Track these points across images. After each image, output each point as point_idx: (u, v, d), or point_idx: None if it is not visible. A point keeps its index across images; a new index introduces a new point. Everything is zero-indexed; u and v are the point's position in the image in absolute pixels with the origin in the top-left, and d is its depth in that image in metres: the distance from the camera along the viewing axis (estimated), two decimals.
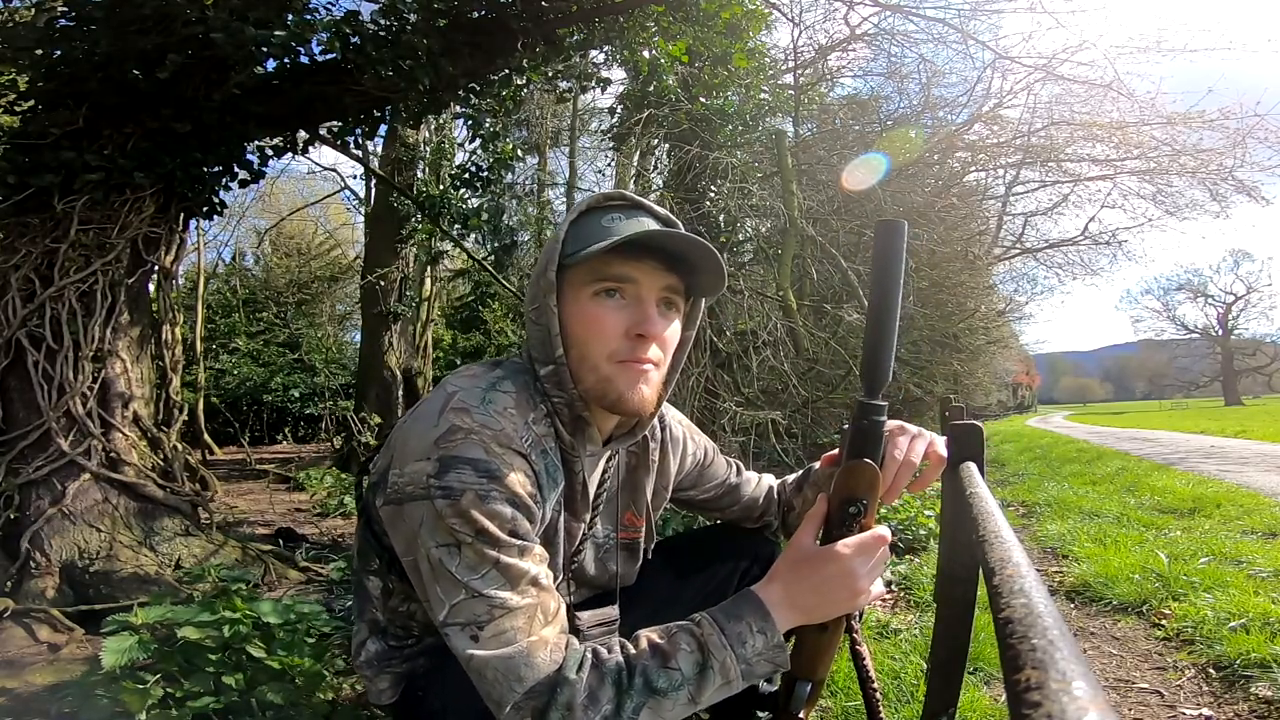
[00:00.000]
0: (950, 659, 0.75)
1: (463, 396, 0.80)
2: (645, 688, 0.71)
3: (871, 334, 0.79)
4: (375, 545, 0.91)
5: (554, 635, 0.74)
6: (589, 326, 0.84)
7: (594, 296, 0.84)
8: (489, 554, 0.73)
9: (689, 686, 0.73)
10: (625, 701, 0.70)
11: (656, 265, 0.85)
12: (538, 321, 0.86)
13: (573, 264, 0.84)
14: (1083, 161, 9.96)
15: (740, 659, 0.74)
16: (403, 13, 2.84)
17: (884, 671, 1.80)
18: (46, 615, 2.17)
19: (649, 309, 0.85)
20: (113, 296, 2.69)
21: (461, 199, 5.24)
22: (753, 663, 0.75)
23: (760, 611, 0.76)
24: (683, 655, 0.73)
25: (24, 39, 2.62)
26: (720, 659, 0.73)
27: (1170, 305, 48.41)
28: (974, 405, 15.97)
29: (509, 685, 0.70)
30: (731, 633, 0.75)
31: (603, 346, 0.84)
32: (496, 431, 0.78)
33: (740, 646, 0.74)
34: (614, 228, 0.85)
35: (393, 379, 8.22)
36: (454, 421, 0.77)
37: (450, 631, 0.73)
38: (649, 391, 0.87)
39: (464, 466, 0.74)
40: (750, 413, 4.34)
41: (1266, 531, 3.27)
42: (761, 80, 5.73)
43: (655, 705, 0.71)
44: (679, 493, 1.16)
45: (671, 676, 0.72)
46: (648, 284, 0.85)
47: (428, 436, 0.77)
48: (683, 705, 0.73)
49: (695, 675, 0.73)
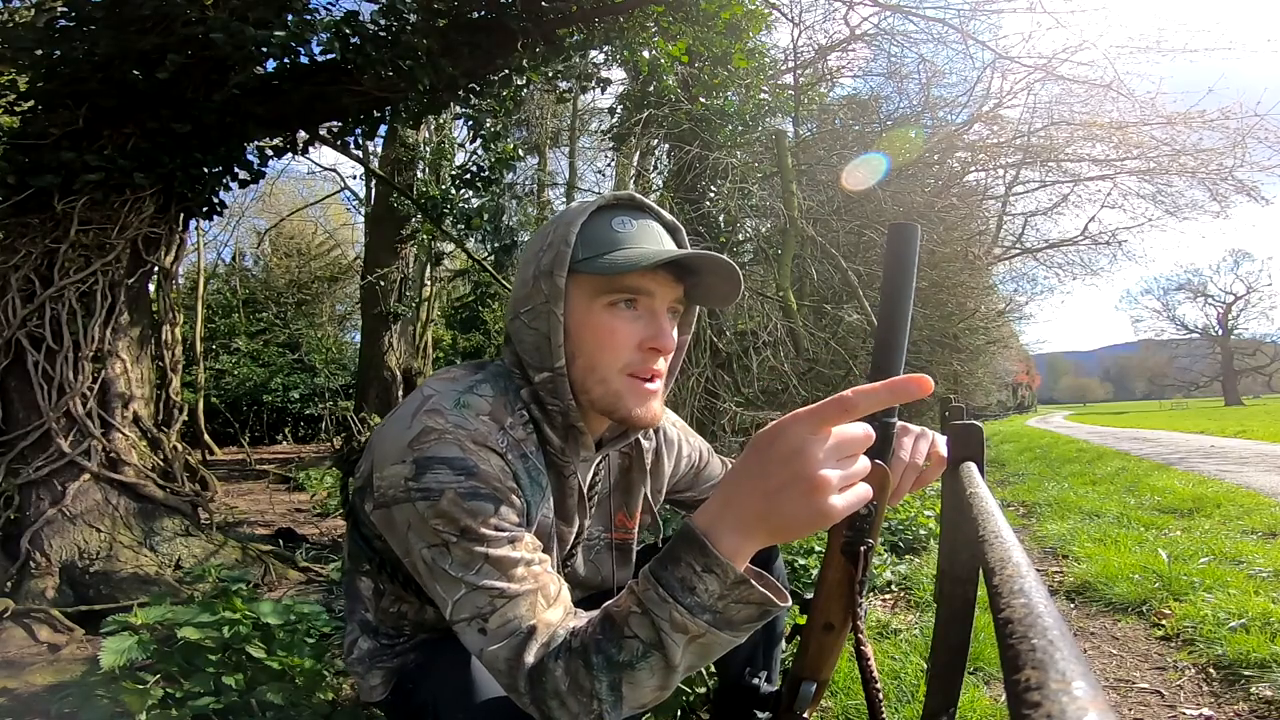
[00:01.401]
0: (950, 659, 0.74)
1: (437, 400, 0.79)
2: (608, 664, 0.65)
3: (882, 336, 0.78)
4: (365, 548, 0.91)
5: (558, 617, 0.72)
6: (603, 338, 0.82)
7: (608, 307, 0.82)
8: (477, 550, 0.72)
9: (656, 652, 0.64)
10: (596, 682, 0.65)
11: (669, 277, 0.84)
12: (533, 326, 0.83)
13: (585, 272, 0.81)
14: (1082, 161, 9.97)
15: (696, 609, 0.62)
16: (402, 13, 2.84)
17: (884, 671, 1.80)
18: (46, 615, 2.17)
19: (664, 323, 0.83)
20: (113, 297, 2.69)
21: (462, 199, 5.25)
22: (720, 609, 0.62)
23: (696, 545, 0.62)
24: (634, 620, 0.65)
25: (24, 39, 2.62)
26: (666, 615, 0.62)
27: (1170, 305, 48.47)
28: (974, 405, 15.96)
29: (518, 675, 0.69)
30: (670, 581, 0.63)
31: (615, 359, 0.82)
32: (471, 431, 0.77)
33: (688, 595, 0.62)
34: (625, 234, 0.83)
35: (393, 379, 8.23)
36: (426, 423, 0.76)
37: (460, 629, 0.73)
38: (658, 407, 0.86)
39: (440, 466, 0.74)
40: (750, 413, 4.34)
41: (1266, 531, 3.27)
42: (761, 80, 5.73)
43: (629, 678, 0.65)
44: (675, 494, 1.15)
45: (630, 647, 0.64)
46: (661, 296, 0.83)
47: (401, 439, 0.76)
48: (661, 672, 0.65)
49: (655, 639, 0.64)
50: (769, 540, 0.62)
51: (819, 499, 0.57)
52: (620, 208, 0.86)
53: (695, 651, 0.65)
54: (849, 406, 0.57)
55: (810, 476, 0.57)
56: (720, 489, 0.64)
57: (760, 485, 0.59)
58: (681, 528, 0.65)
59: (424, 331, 10.17)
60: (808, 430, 0.57)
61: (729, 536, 0.61)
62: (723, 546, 0.61)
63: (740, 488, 0.61)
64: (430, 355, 10.81)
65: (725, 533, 0.62)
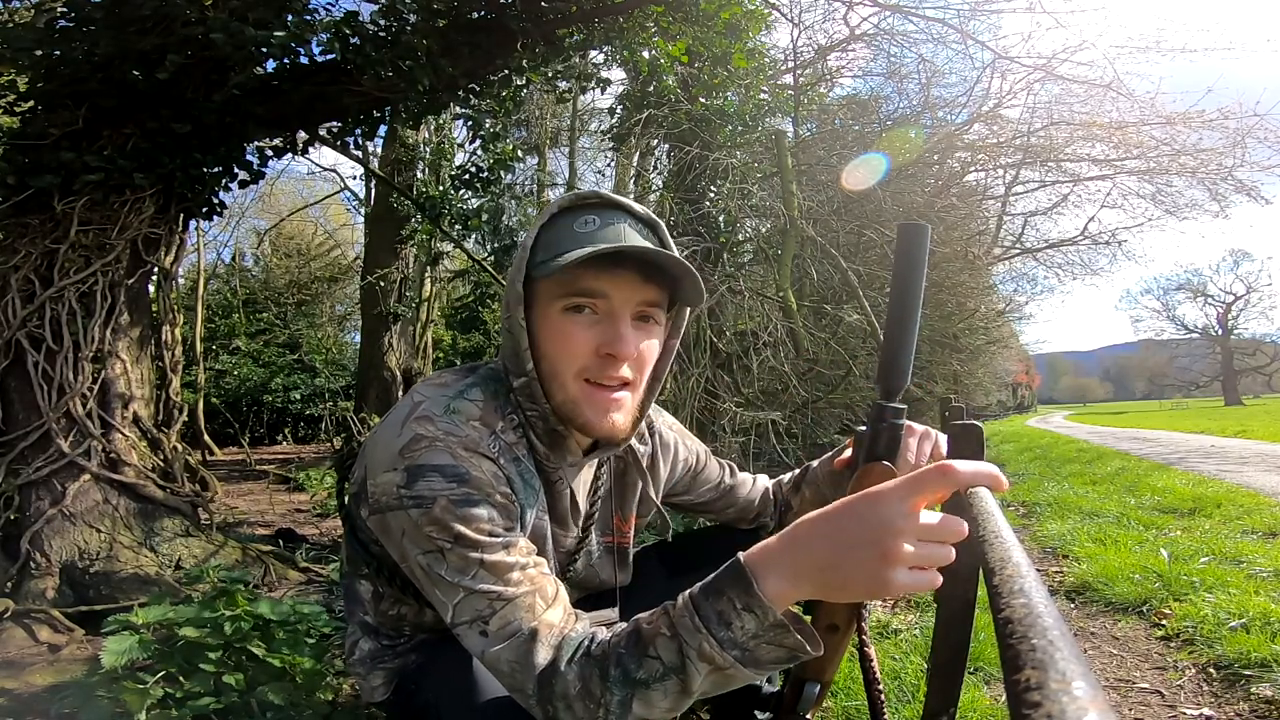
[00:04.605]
0: (951, 659, 0.74)
1: (427, 406, 0.79)
2: (625, 679, 0.65)
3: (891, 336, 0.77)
4: (363, 553, 0.91)
5: (559, 618, 0.72)
6: (557, 343, 0.80)
7: (564, 311, 0.80)
8: (472, 556, 0.72)
9: (675, 676, 0.63)
10: (609, 694, 0.65)
11: (633, 277, 0.79)
12: (510, 331, 0.83)
13: (542, 275, 0.78)
14: (1082, 161, 9.97)
15: (727, 644, 0.61)
16: (402, 13, 2.84)
17: (885, 672, 1.80)
18: (47, 616, 2.17)
19: (620, 326, 0.79)
20: (112, 297, 2.69)
21: (461, 199, 5.25)
22: (750, 648, 0.61)
23: (742, 583, 0.61)
24: (662, 642, 0.64)
25: (24, 39, 2.62)
26: (695, 644, 0.62)
27: (1170, 305, 48.44)
28: (974, 405, 15.95)
29: (525, 675, 0.69)
30: (709, 613, 0.62)
31: (571, 364, 0.80)
32: (462, 438, 0.76)
33: (723, 629, 0.61)
34: (588, 234, 0.79)
35: (393, 379, 8.22)
36: (417, 430, 0.76)
37: (460, 632, 0.73)
38: (621, 419, 0.83)
39: (432, 474, 0.73)
40: (750, 413, 4.34)
41: (1266, 531, 3.27)
42: (761, 80, 5.73)
43: (642, 696, 0.64)
44: (673, 497, 1.15)
45: (650, 666, 0.64)
46: (621, 298, 0.79)
47: (392, 446, 0.76)
48: (674, 695, 0.64)
49: (679, 664, 0.63)
50: (817, 593, 0.61)
51: (886, 569, 0.56)
52: (587, 207, 0.82)
53: (714, 682, 0.64)
54: (951, 476, 0.56)
55: (887, 545, 0.55)
56: (786, 533, 0.63)
57: (834, 537, 0.58)
58: (732, 561, 0.64)
59: (424, 332, 10.17)
60: (906, 498, 0.56)
61: (778, 580, 0.60)
62: (767, 588, 0.60)
63: (811, 532, 0.60)
64: (430, 356, 10.81)
65: (775, 576, 0.61)
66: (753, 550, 0.63)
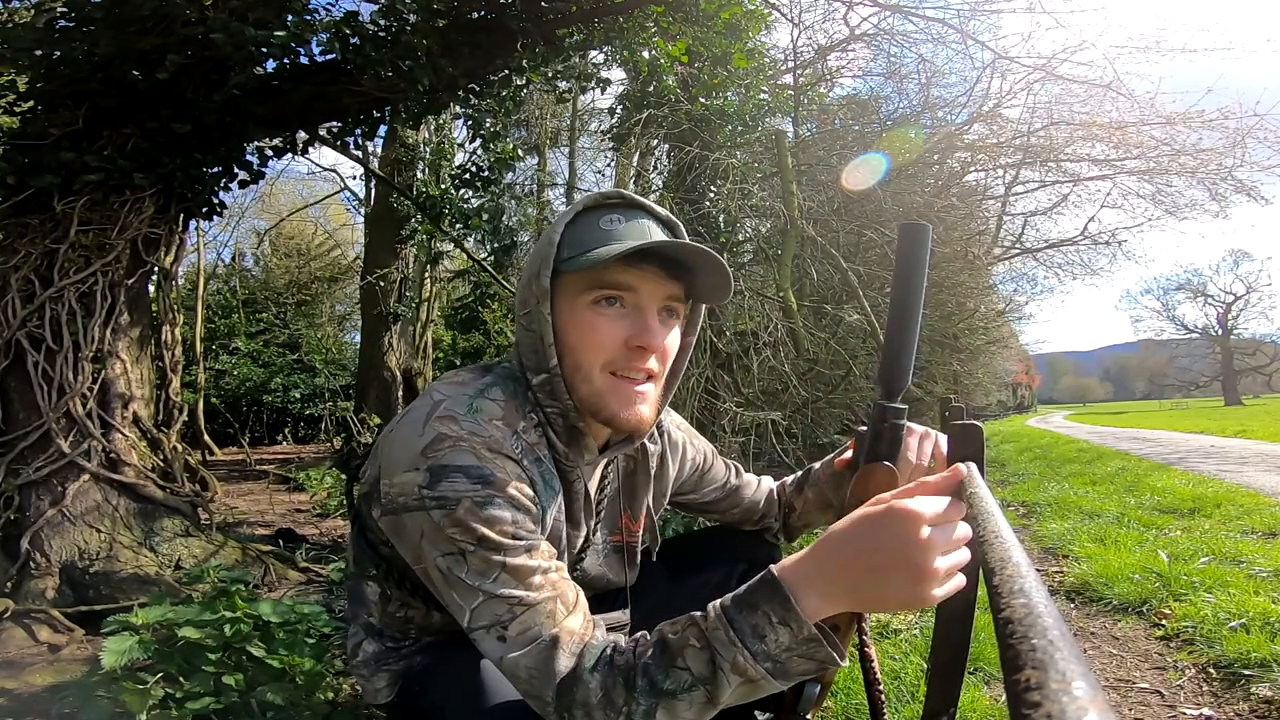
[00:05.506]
0: (951, 659, 0.74)
1: (449, 405, 0.78)
2: (651, 689, 0.65)
3: (893, 337, 0.77)
4: (371, 554, 0.90)
5: (579, 625, 0.72)
6: (585, 335, 0.81)
7: (592, 304, 0.81)
8: (495, 559, 0.71)
9: (704, 687, 0.65)
10: (634, 704, 0.65)
11: (658, 273, 0.81)
12: (529, 328, 0.83)
13: (570, 270, 0.80)
14: (1082, 161, 9.97)
15: (760, 656, 0.63)
16: (402, 13, 2.84)
17: (885, 672, 1.80)
18: (46, 616, 2.17)
19: (650, 319, 0.81)
20: (112, 297, 2.69)
21: (462, 199, 5.25)
22: (782, 660, 0.63)
23: (778, 597, 0.63)
24: (691, 653, 0.65)
25: (24, 39, 2.62)
26: (729, 657, 0.63)
27: (1170, 305, 48.44)
28: (974, 405, 15.95)
29: (543, 682, 0.68)
30: (743, 626, 0.64)
31: (598, 356, 0.81)
32: (486, 438, 0.76)
33: (757, 642, 0.63)
34: (614, 231, 0.81)
35: (393, 379, 8.22)
36: (440, 430, 0.75)
37: (478, 636, 0.72)
38: (646, 410, 0.84)
39: (456, 474, 0.72)
40: (750, 413, 4.34)
41: (1266, 531, 3.27)
42: (761, 80, 5.73)
43: (668, 706, 0.65)
44: (679, 496, 1.15)
45: (679, 677, 0.65)
46: (648, 292, 0.81)
47: (414, 446, 0.75)
48: (700, 706, 0.65)
49: (708, 675, 0.64)
50: (850, 607, 0.64)
51: (924, 587, 0.59)
52: (610, 206, 0.84)
53: (741, 693, 0.66)
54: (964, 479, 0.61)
55: (924, 566, 0.59)
56: (817, 548, 0.65)
57: (868, 559, 0.61)
58: (765, 576, 0.66)
59: (424, 332, 10.16)
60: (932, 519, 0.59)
61: (814, 598, 0.63)
62: (805, 605, 0.63)
63: (843, 553, 0.63)
64: (430, 356, 10.81)
65: (812, 593, 0.63)
66: (785, 564, 0.66)
